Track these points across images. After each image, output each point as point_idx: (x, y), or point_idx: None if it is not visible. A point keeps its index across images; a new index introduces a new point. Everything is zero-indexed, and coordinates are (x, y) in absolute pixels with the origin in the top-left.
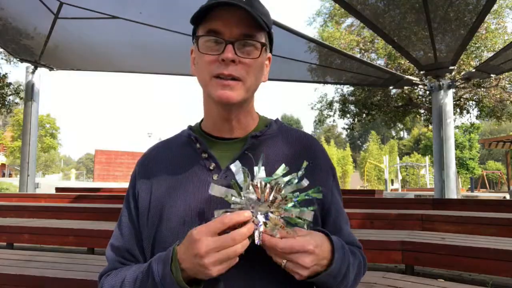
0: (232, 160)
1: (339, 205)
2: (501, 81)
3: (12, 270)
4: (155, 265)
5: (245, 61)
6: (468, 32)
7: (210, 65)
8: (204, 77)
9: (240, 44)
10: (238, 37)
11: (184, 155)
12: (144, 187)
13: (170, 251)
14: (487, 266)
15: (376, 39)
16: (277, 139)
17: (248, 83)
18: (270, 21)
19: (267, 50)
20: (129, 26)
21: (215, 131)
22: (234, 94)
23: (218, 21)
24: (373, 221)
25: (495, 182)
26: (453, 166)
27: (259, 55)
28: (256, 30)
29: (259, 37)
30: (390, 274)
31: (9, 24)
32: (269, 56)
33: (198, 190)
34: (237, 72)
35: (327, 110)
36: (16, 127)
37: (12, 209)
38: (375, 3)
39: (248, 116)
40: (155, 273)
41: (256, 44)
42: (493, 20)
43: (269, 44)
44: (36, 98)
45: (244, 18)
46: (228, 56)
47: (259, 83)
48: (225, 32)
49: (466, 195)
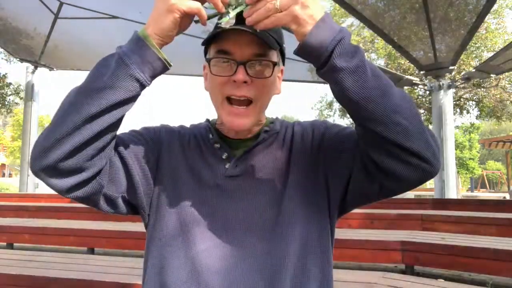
0: (245, 151)
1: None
2: (501, 81)
3: (12, 270)
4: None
5: (258, 81)
6: (468, 32)
7: (222, 86)
8: (216, 97)
9: (251, 64)
10: (249, 57)
11: (198, 143)
12: (163, 147)
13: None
14: (487, 266)
15: (376, 39)
16: (283, 134)
17: (260, 102)
18: (281, 37)
19: (279, 65)
20: (129, 26)
21: (229, 134)
22: (246, 121)
23: (228, 41)
24: (373, 221)
25: (495, 182)
26: (453, 166)
27: (271, 74)
28: (267, 50)
29: (271, 56)
30: (390, 274)
31: (9, 24)
32: (281, 69)
33: (210, 178)
34: (249, 93)
35: (327, 110)
36: (16, 127)
37: (12, 209)
38: (375, 3)
39: (259, 125)
40: (117, 50)
41: (268, 64)
42: (493, 20)
43: (281, 58)
44: (36, 98)
45: (255, 39)
46: (240, 78)
47: (270, 98)
48: (236, 53)
49: (466, 195)
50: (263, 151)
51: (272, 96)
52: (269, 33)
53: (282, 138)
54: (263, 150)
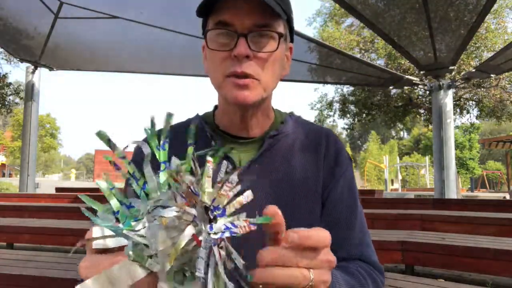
0: (249, 163)
1: (353, 204)
2: (501, 81)
3: (12, 270)
4: None
5: (261, 56)
6: (468, 32)
7: (222, 63)
8: (216, 76)
9: (254, 36)
10: (251, 28)
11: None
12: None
13: None
14: (487, 266)
15: (376, 39)
16: (293, 136)
17: (265, 80)
18: (288, 6)
19: (286, 40)
20: (129, 26)
21: (232, 129)
22: (251, 94)
23: (227, 11)
24: (373, 221)
25: (495, 182)
26: (453, 166)
27: (276, 47)
28: (272, 18)
29: (276, 26)
30: (390, 274)
31: (9, 24)
32: (290, 46)
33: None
34: (252, 69)
35: (327, 110)
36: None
37: (12, 209)
38: (375, 3)
39: (265, 115)
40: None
41: (273, 35)
42: (493, 20)
43: (289, 32)
44: (36, 98)
45: (257, 6)
46: (241, 52)
47: (278, 79)
48: (236, 23)
49: (466, 195)
50: (261, 168)
51: (279, 79)
52: (275, 0)
53: (296, 141)
54: (262, 167)
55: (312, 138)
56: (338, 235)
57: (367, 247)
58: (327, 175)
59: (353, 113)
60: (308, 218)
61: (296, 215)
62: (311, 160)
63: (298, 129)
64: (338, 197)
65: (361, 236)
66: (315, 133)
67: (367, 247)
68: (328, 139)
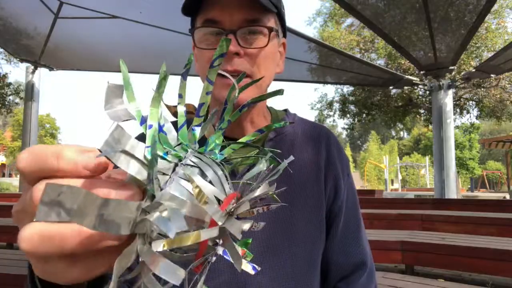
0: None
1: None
2: (501, 81)
3: (12, 270)
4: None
5: (251, 52)
6: (468, 32)
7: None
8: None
9: (243, 32)
10: (240, 24)
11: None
12: None
13: None
14: (487, 266)
15: (376, 39)
16: (292, 136)
17: (257, 78)
18: (278, 0)
19: (278, 36)
20: (129, 26)
21: (226, 132)
22: (243, 94)
23: (215, 7)
24: (373, 221)
25: (495, 182)
26: (453, 166)
27: (267, 43)
28: (262, 13)
29: (266, 21)
30: (390, 274)
31: (9, 24)
32: (283, 42)
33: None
34: (243, 66)
35: (327, 110)
36: (16, 127)
37: None
38: (375, 3)
39: (260, 115)
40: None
41: (263, 30)
42: (493, 20)
43: (281, 27)
44: (36, 98)
45: (245, 0)
46: (230, 49)
47: (271, 76)
48: (224, 20)
49: (466, 195)
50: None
51: (273, 76)
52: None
53: (295, 141)
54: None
55: (312, 137)
56: (341, 236)
57: (362, 249)
58: (329, 174)
59: (353, 113)
60: (310, 218)
61: (297, 215)
62: (312, 159)
63: (296, 129)
64: (343, 197)
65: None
66: (314, 131)
67: (362, 248)
68: (328, 139)
